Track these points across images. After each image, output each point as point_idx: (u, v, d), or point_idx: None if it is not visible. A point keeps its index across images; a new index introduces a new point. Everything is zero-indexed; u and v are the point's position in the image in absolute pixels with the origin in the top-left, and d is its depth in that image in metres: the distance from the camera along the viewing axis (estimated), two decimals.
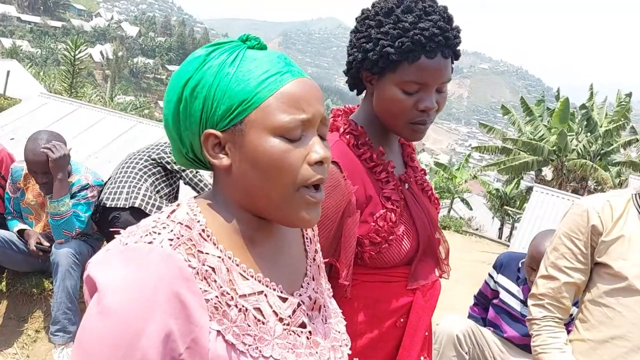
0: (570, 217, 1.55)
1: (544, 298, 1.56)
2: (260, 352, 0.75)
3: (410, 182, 1.36)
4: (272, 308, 0.79)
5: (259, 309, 0.77)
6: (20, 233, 3.12)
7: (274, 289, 0.80)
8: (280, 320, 0.79)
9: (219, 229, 0.78)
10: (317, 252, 0.98)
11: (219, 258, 0.75)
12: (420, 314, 1.31)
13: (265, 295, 0.79)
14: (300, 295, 0.85)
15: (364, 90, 1.32)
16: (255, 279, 0.78)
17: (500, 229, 20.39)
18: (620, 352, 1.41)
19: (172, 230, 0.73)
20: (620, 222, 1.47)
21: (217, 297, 0.73)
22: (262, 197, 0.77)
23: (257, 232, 0.82)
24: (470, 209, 22.65)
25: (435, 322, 1.63)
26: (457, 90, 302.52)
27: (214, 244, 0.76)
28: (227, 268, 0.75)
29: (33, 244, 3.00)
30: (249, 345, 0.74)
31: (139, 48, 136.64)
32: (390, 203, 1.27)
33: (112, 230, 2.17)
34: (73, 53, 23.26)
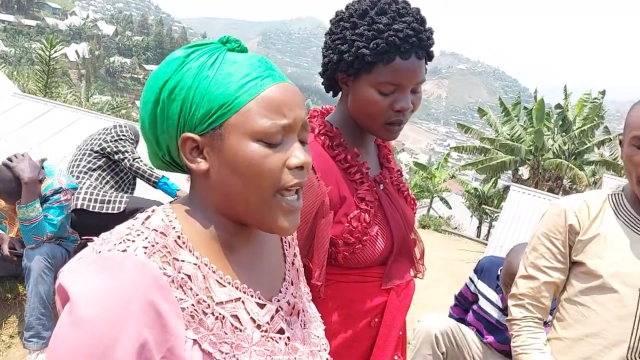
0: (549, 217, 1.57)
1: (524, 298, 1.57)
2: (238, 359, 0.74)
3: (386, 182, 1.36)
4: (249, 315, 0.78)
5: (236, 316, 0.76)
6: None
7: (252, 295, 0.79)
8: (258, 327, 0.78)
9: (196, 236, 0.77)
10: (295, 255, 0.97)
11: (195, 265, 0.74)
12: (395, 314, 1.31)
13: (243, 302, 0.78)
14: (279, 301, 0.84)
15: (340, 92, 1.32)
16: (233, 286, 0.77)
17: (479, 228, 20.66)
18: (595, 349, 1.43)
19: (146, 238, 0.71)
20: (597, 221, 1.49)
21: (193, 305, 0.71)
22: (240, 202, 0.76)
23: (234, 237, 0.81)
24: (450, 208, 22.87)
25: (414, 320, 1.64)
26: (435, 91, 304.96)
27: (190, 251, 0.74)
28: (203, 275, 0.74)
29: (6, 249, 2.97)
30: (226, 354, 0.73)
31: (116, 47, 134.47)
32: (365, 204, 1.27)
33: (85, 238, 2.15)
34: (48, 52, 22.81)
